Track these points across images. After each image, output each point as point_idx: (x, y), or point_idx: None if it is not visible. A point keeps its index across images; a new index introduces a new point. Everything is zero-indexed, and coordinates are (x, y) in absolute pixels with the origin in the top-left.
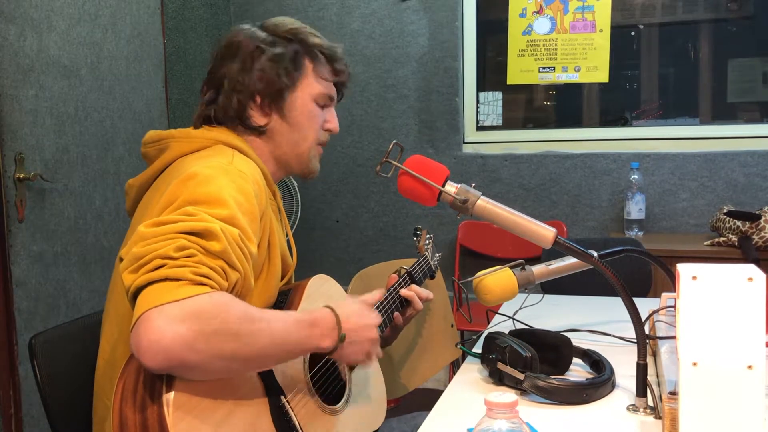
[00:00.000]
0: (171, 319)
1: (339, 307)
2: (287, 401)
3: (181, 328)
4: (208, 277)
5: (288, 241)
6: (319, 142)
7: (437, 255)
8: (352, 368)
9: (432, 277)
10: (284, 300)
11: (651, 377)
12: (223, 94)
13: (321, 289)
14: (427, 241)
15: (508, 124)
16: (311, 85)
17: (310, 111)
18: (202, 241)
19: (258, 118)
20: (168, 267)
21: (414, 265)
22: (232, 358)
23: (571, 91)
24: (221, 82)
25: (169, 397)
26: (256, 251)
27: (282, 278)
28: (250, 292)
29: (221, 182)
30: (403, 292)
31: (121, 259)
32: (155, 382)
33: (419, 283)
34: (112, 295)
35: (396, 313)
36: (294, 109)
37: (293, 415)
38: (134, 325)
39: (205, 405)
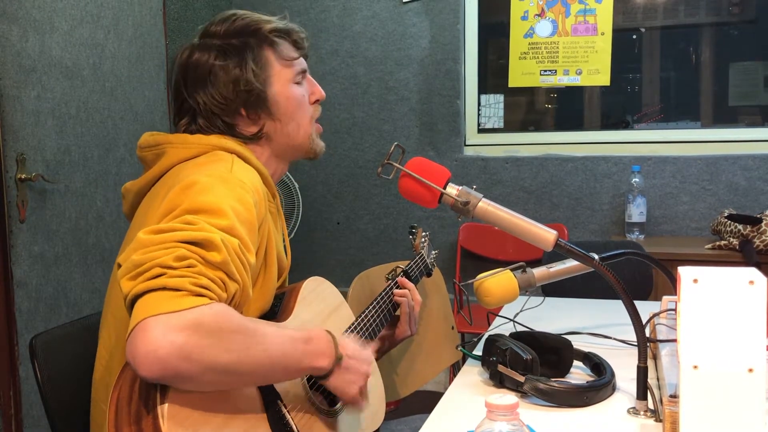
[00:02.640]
0: (168, 329)
1: (335, 334)
2: (284, 405)
3: (177, 339)
4: (207, 289)
5: (284, 242)
6: (313, 119)
7: (433, 252)
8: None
9: (429, 274)
10: (278, 304)
11: (651, 380)
12: (203, 118)
13: (315, 291)
14: (423, 240)
15: (510, 126)
16: (282, 72)
17: (294, 96)
18: (202, 251)
19: (248, 128)
20: (167, 276)
21: (410, 263)
22: (227, 371)
23: (572, 94)
24: (195, 108)
25: (165, 404)
26: (254, 261)
27: (277, 279)
28: (248, 302)
29: (221, 192)
30: (396, 293)
31: (120, 266)
32: (150, 391)
33: (416, 281)
34: (110, 300)
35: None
36: (279, 104)
37: (290, 419)
38: (130, 333)
39: (202, 411)
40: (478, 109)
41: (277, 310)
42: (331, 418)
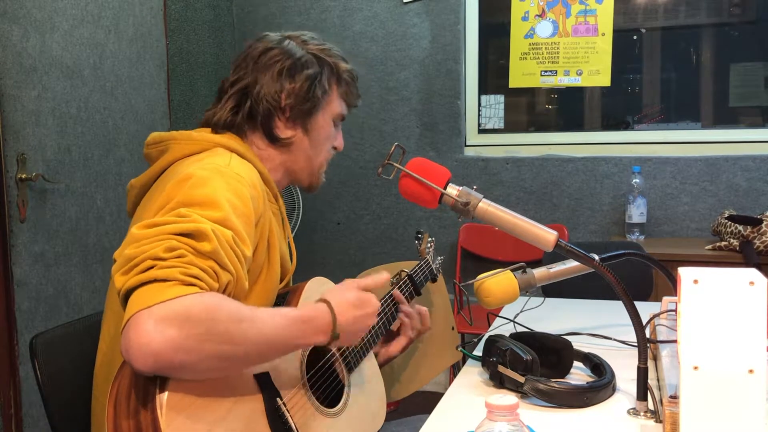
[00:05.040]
0: (159, 320)
1: (335, 299)
2: (283, 403)
3: (169, 330)
4: (198, 278)
5: (289, 246)
6: (327, 159)
7: (439, 258)
8: (350, 370)
9: (434, 280)
10: (281, 303)
11: (652, 381)
12: (252, 101)
13: (319, 292)
14: (429, 245)
15: (510, 127)
16: (333, 105)
17: (329, 130)
18: (192, 241)
19: (283, 131)
20: (157, 268)
21: (415, 268)
22: (222, 358)
23: (572, 95)
24: (250, 89)
25: (163, 398)
26: (251, 254)
27: (280, 282)
28: (245, 295)
29: (216, 184)
30: (403, 312)
31: (115, 261)
32: (149, 384)
33: (420, 287)
34: (110, 295)
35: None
36: (317, 128)
37: (289, 417)
38: (124, 328)
39: (199, 406)
40: (479, 110)
41: None
42: (330, 418)
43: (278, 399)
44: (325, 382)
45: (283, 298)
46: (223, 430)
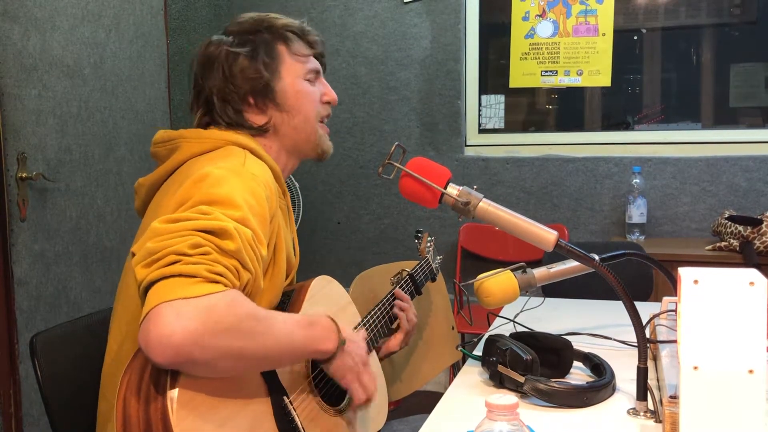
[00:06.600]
0: (182, 314)
1: (336, 319)
2: (290, 401)
3: (191, 324)
4: (222, 276)
5: (293, 240)
6: (320, 118)
7: (438, 258)
8: None
9: (433, 279)
10: (287, 301)
11: (651, 381)
12: (216, 107)
13: (323, 291)
14: (429, 244)
15: (510, 127)
16: (293, 67)
17: (302, 91)
18: (216, 239)
19: (257, 119)
20: (183, 263)
21: (415, 267)
22: (239, 357)
23: (573, 95)
24: (209, 97)
25: (174, 394)
26: (266, 253)
27: (286, 278)
28: (259, 293)
29: (234, 184)
30: (397, 305)
31: (134, 255)
32: (160, 378)
33: (421, 286)
34: (121, 293)
35: (391, 339)
36: (287, 97)
37: (296, 416)
38: (144, 319)
39: (209, 403)
40: (479, 110)
41: (285, 308)
42: (335, 417)
43: (285, 397)
44: (330, 380)
45: (289, 296)
46: (232, 428)
